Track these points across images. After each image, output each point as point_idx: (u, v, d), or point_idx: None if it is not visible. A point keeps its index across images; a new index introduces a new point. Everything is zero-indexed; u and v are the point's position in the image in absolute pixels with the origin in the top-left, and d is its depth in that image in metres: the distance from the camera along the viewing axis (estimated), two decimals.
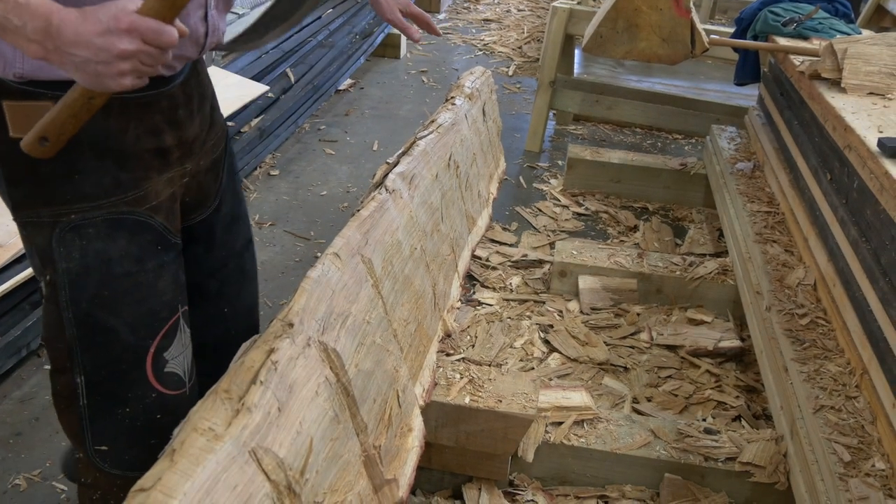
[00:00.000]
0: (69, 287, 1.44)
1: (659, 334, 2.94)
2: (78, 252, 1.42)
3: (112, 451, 1.55)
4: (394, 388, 1.81)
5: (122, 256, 1.46)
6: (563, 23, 4.69)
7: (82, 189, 1.40)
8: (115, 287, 1.46)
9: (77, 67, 1.16)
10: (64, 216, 1.40)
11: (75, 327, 1.46)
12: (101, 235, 1.43)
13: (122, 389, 1.52)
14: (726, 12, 7.75)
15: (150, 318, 1.52)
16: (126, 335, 1.49)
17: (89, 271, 1.43)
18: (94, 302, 1.45)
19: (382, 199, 2.01)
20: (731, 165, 3.62)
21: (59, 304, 1.45)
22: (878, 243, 2.13)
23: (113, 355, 1.49)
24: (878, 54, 2.76)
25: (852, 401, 2.07)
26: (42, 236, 1.42)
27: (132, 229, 1.47)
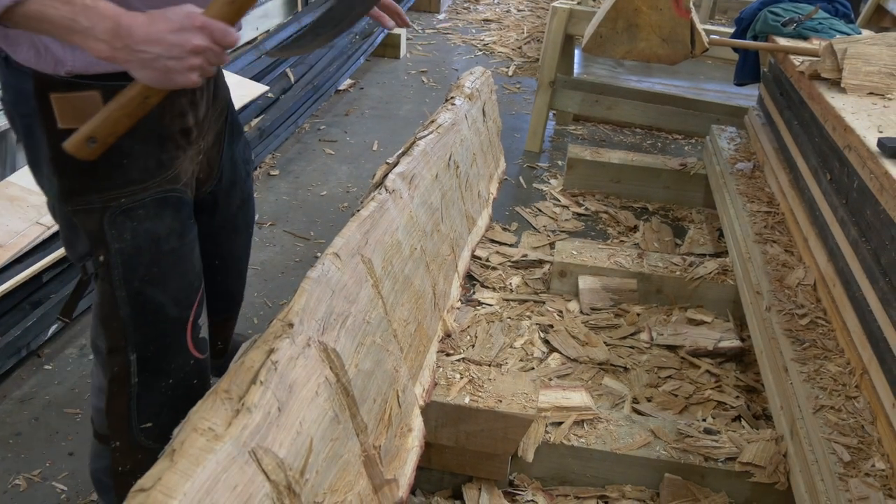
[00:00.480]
0: (122, 266, 1.54)
1: (659, 334, 2.94)
2: (129, 233, 1.52)
3: (156, 426, 1.65)
4: (394, 388, 1.81)
5: (168, 233, 1.57)
6: (563, 23, 4.69)
7: (131, 173, 1.49)
8: (163, 264, 1.57)
9: (144, 64, 1.24)
10: (114, 200, 1.49)
11: (128, 305, 1.56)
12: (150, 215, 1.54)
13: (166, 362, 1.64)
14: (726, 12, 7.75)
15: (189, 289, 1.64)
16: (171, 309, 1.61)
17: (141, 251, 1.54)
18: (145, 279, 1.56)
19: (382, 200, 2.01)
20: (731, 165, 3.62)
21: (112, 284, 1.55)
22: (877, 243, 2.13)
23: (160, 330, 1.61)
24: (877, 54, 2.76)
25: (852, 401, 2.07)
26: (93, 221, 1.50)
27: (175, 206, 1.58)
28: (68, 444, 2.40)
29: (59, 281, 2.84)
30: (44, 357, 2.76)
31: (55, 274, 2.85)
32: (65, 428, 2.47)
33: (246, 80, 4.52)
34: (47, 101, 1.39)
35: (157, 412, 1.66)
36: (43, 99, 1.40)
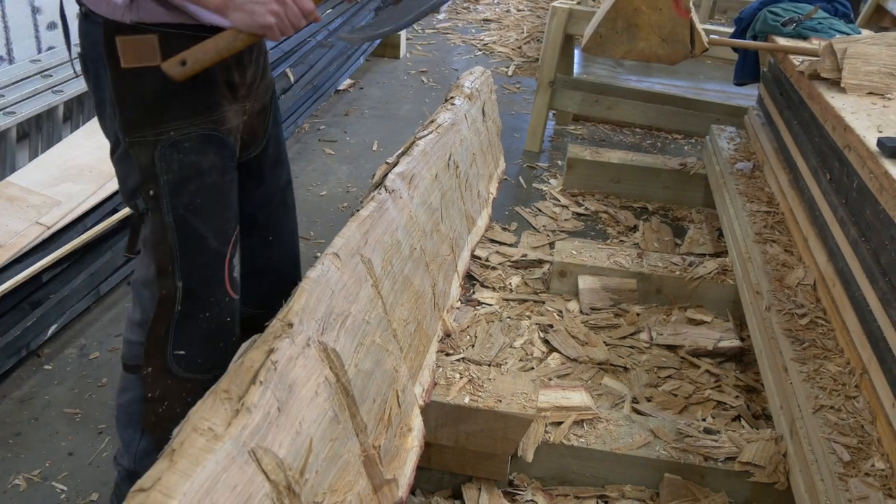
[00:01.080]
0: (170, 196, 1.74)
1: (658, 334, 2.94)
2: (177, 164, 1.73)
3: (188, 355, 1.82)
4: (393, 388, 1.81)
5: (211, 168, 1.77)
6: (563, 23, 4.69)
7: (179, 110, 1.71)
8: (205, 195, 1.77)
9: (238, 7, 1.57)
10: (164, 133, 1.71)
11: (175, 232, 1.76)
12: (195, 149, 1.74)
13: (207, 293, 1.82)
14: (726, 12, 7.75)
15: (226, 226, 1.83)
16: (212, 241, 1.80)
17: (186, 181, 1.74)
18: (189, 209, 1.76)
19: (382, 199, 2.02)
20: (731, 165, 3.62)
21: (162, 213, 1.75)
22: (877, 243, 2.13)
23: (203, 260, 1.80)
24: (877, 54, 2.76)
25: (852, 401, 2.07)
26: (146, 154, 1.71)
27: (217, 144, 1.78)
28: (68, 444, 2.40)
29: (59, 281, 2.84)
30: (43, 357, 2.76)
31: (55, 274, 2.85)
32: (64, 428, 2.47)
33: None
34: (114, 43, 1.64)
35: (192, 342, 1.83)
36: (110, 42, 1.65)
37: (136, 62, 1.65)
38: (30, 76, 3.62)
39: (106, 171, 3.33)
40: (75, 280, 2.85)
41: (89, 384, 2.65)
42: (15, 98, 3.45)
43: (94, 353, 2.79)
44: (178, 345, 1.81)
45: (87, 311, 2.98)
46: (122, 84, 1.68)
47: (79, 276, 2.87)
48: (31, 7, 3.82)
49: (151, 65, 1.65)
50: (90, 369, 2.71)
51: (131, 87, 1.68)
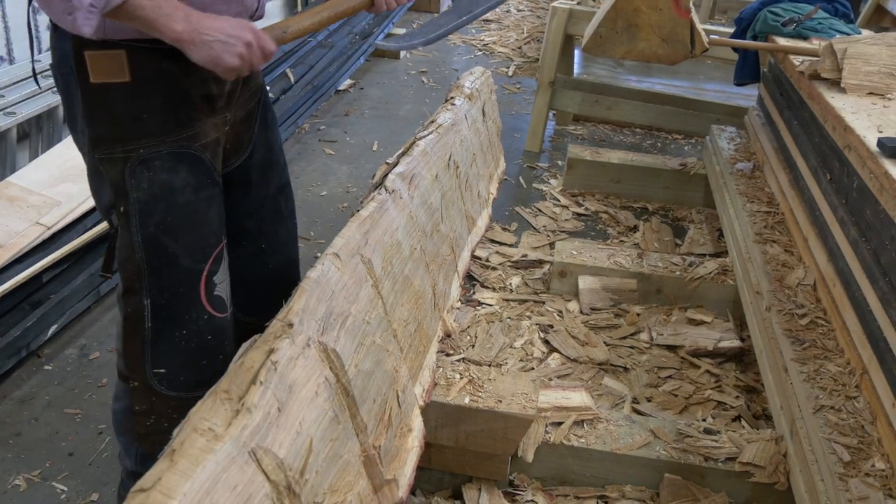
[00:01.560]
0: (139, 214, 1.70)
1: (659, 334, 2.94)
2: (146, 183, 1.69)
3: (168, 373, 1.79)
4: (393, 389, 1.81)
5: (183, 186, 1.73)
6: (563, 23, 4.69)
7: (150, 127, 1.67)
8: (176, 214, 1.72)
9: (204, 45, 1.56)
10: (134, 151, 1.67)
11: (143, 251, 1.72)
12: (166, 167, 1.70)
13: (180, 311, 1.77)
14: (726, 12, 7.75)
15: (203, 243, 1.78)
16: (184, 259, 1.75)
17: (156, 199, 1.70)
18: (160, 228, 1.71)
19: (382, 200, 2.01)
20: (731, 165, 3.62)
21: (130, 230, 1.71)
22: (877, 243, 2.13)
23: (173, 278, 1.75)
24: (877, 54, 2.76)
25: (852, 401, 2.07)
26: (116, 171, 1.68)
27: (190, 162, 1.73)
28: (68, 445, 2.40)
29: (59, 281, 2.84)
30: (44, 357, 2.76)
31: (55, 274, 2.85)
32: (64, 428, 2.47)
33: None
34: (83, 58, 1.61)
35: (170, 360, 1.78)
36: (79, 57, 1.61)
37: (105, 77, 1.62)
38: (30, 76, 3.62)
39: None
40: (75, 280, 2.85)
41: (89, 384, 2.65)
42: (15, 98, 3.45)
43: (94, 354, 2.79)
44: (157, 363, 1.78)
45: (87, 312, 2.98)
46: (91, 100, 1.64)
47: (79, 277, 2.87)
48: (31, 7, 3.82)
49: (120, 81, 1.62)
50: (90, 369, 2.71)
51: (100, 103, 1.64)
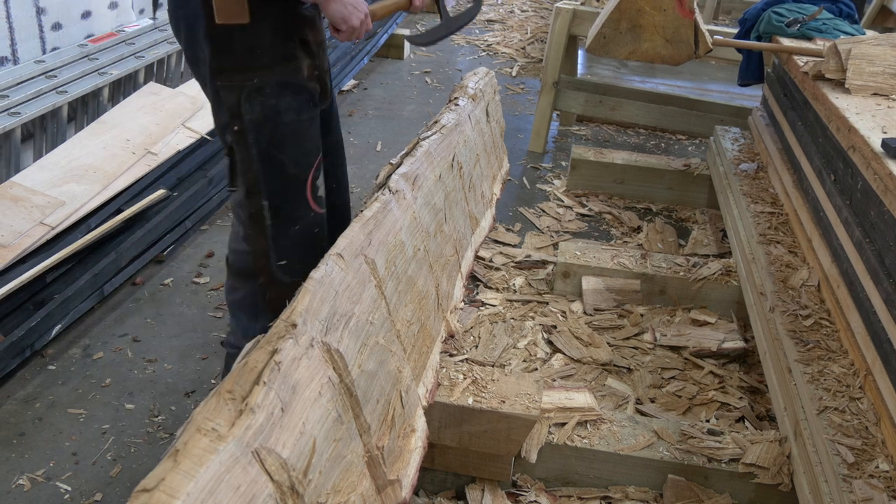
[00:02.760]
0: (253, 132, 2.07)
1: (662, 335, 2.94)
2: (259, 107, 2.05)
3: (289, 264, 2.19)
4: (397, 389, 1.81)
5: (287, 109, 2.10)
6: (567, 23, 4.69)
7: (262, 60, 2.04)
8: (282, 132, 2.10)
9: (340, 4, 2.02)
10: (249, 81, 2.03)
11: (258, 162, 2.10)
12: (274, 94, 2.07)
13: (292, 210, 2.18)
14: (730, 13, 7.75)
15: (306, 155, 2.17)
16: (290, 167, 2.14)
17: (266, 120, 2.07)
18: (270, 142, 2.09)
19: (386, 200, 2.02)
20: (735, 166, 3.62)
21: (247, 145, 2.09)
22: (882, 244, 2.12)
23: (284, 183, 2.15)
24: (882, 55, 2.76)
25: (856, 402, 2.06)
26: (233, 97, 2.04)
27: (294, 90, 2.11)
28: (72, 444, 2.41)
29: (63, 281, 2.85)
30: (47, 357, 2.76)
31: (59, 274, 2.86)
32: (68, 428, 2.47)
33: None
34: (209, 3, 1.92)
35: (289, 252, 2.19)
36: (207, 2, 1.93)
37: (229, 19, 1.94)
38: (34, 77, 3.63)
39: (110, 172, 3.35)
40: (79, 280, 2.86)
41: (93, 384, 2.65)
42: (19, 98, 3.45)
43: (97, 354, 2.79)
44: (280, 256, 2.19)
45: (90, 312, 2.99)
46: (215, 38, 1.99)
47: (83, 277, 2.87)
48: (35, 7, 3.83)
49: (241, 22, 1.96)
50: (94, 370, 2.72)
51: (223, 41, 1.99)
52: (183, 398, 2.63)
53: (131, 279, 3.19)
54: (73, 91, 3.71)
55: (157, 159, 3.57)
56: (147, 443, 2.44)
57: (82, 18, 4.19)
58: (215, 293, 3.19)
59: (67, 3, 4.05)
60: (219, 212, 3.79)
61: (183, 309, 3.08)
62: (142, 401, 2.60)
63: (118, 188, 3.31)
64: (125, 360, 2.78)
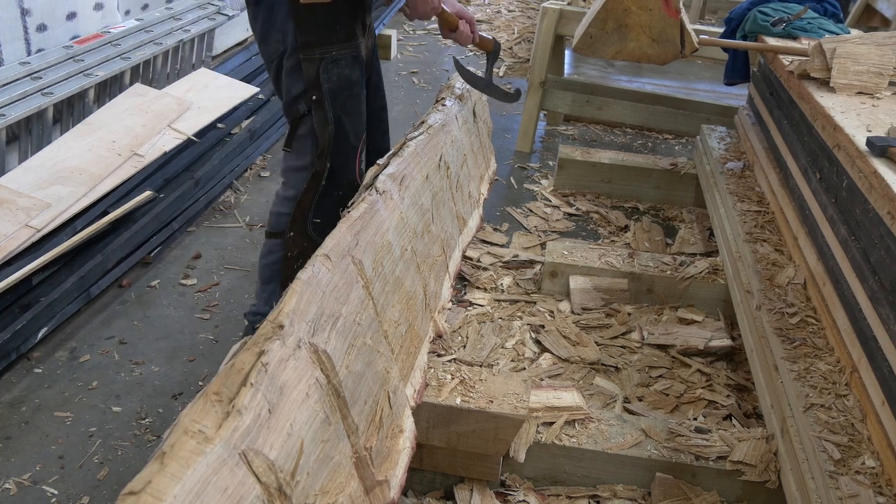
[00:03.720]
0: (330, 99, 2.39)
1: (650, 334, 2.94)
2: (335, 76, 2.38)
3: (322, 223, 2.46)
4: (385, 390, 1.81)
5: (357, 81, 2.43)
6: (553, 23, 4.69)
7: (339, 36, 2.36)
8: (352, 102, 2.44)
9: None
10: (328, 53, 2.36)
11: (332, 125, 2.41)
12: (348, 65, 2.40)
13: (342, 174, 2.47)
14: (716, 12, 7.78)
15: (361, 125, 2.49)
16: (352, 137, 2.46)
17: (341, 89, 2.40)
18: (342, 109, 2.41)
19: (373, 201, 2.01)
20: (721, 165, 3.63)
21: (325, 111, 2.40)
22: (867, 242, 2.14)
23: (345, 149, 2.46)
24: (866, 54, 2.77)
25: (842, 399, 2.07)
26: (313, 68, 2.36)
27: (360, 64, 2.45)
28: (58, 448, 2.40)
29: (49, 284, 2.83)
30: (34, 360, 2.75)
31: (45, 277, 2.85)
32: (55, 431, 2.46)
33: (236, 81, 4.51)
34: None
35: (326, 213, 2.46)
36: None
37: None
38: (19, 78, 3.61)
39: (96, 174, 3.33)
40: (65, 283, 2.84)
41: (80, 387, 2.64)
42: (4, 100, 3.43)
43: (84, 356, 2.78)
44: (317, 214, 2.47)
45: (77, 314, 2.97)
46: (300, 15, 2.30)
47: (69, 279, 2.86)
48: (20, 9, 3.81)
49: (323, 1, 2.27)
50: (81, 372, 2.71)
51: (307, 18, 2.30)
52: (170, 400, 2.62)
53: (118, 281, 3.18)
54: (59, 92, 3.69)
55: (143, 161, 3.55)
56: (134, 445, 2.43)
57: (67, 20, 4.17)
58: (202, 295, 3.18)
59: (52, 4, 4.02)
60: (206, 213, 3.78)
61: (170, 311, 3.07)
62: (129, 403, 2.59)
63: (104, 190, 3.29)
64: (112, 362, 2.77)
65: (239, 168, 4.11)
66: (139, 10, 4.94)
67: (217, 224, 3.72)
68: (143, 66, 4.45)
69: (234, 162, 4.03)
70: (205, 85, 4.35)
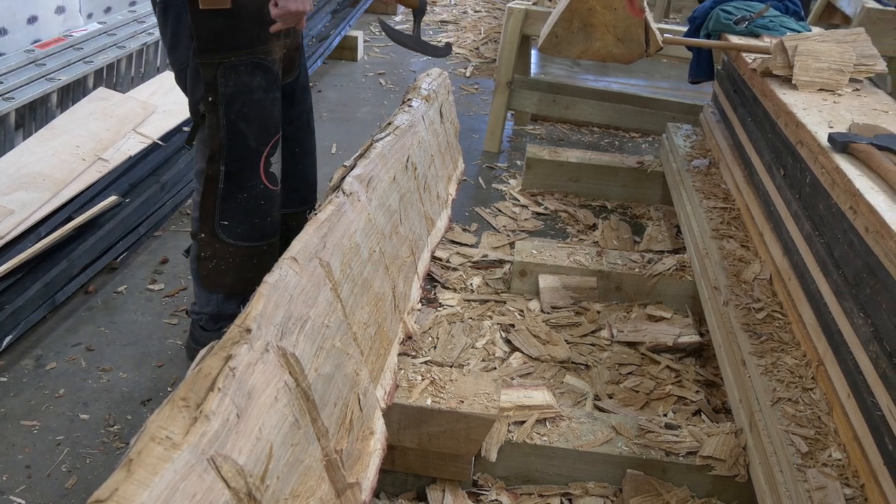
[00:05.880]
0: (225, 104, 2.37)
1: (619, 331, 2.96)
2: (233, 82, 2.36)
3: (230, 225, 2.48)
4: (354, 392, 1.81)
5: (257, 87, 2.40)
6: (519, 23, 4.71)
7: (239, 41, 2.34)
8: (250, 107, 2.40)
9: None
10: (226, 59, 2.34)
11: (225, 131, 2.40)
12: (247, 72, 2.38)
13: (244, 179, 2.46)
14: (680, 11, 7.83)
15: (265, 131, 2.46)
16: (251, 140, 2.43)
17: (238, 94, 2.38)
18: (238, 115, 2.39)
19: (340, 203, 2.01)
20: (687, 163, 3.66)
21: (218, 116, 2.38)
22: (830, 237, 2.16)
23: (243, 153, 2.43)
24: (827, 51, 2.81)
25: (809, 392, 2.10)
26: (211, 72, 2.35)
27: (263, 70, 2.41)
28: (25, 457, 2.37)
29: (13, 291, 2.79)
30: None
31: (9, 284, 2.81)
32: (21, 440, 2.42)
33: None
34: None
35: (233, 215, 2.47)
36: None
37: (211, 5, 2.24)
38: None
39: (60, 179, 3.29)
40: (30, 290, 2.81)
41: (46, 395, 2.61)
42: None
43: (50, 364, 2.75)
44: (223, 216, 2.47)
45: (42, 322, 2.94)
46: (198, 21, 2.29)
47: (34, 286, 2.82)
48: None
49: (222, 7, 2.25)
50: (47, 380, 2.67)
51: (206, 24, 2.29)
52: (139, 406, 2.59)
53: (84, 287, 3.14)
54: (21, 97, 3.65)
55: (108, 165, 3.52)
56: (103, 453, 2.41)
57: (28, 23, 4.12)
58: (170, 300, 3.15)
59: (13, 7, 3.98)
60: (172, 217, 3.75)
61: (137, 317, 3.04)
62: (97, 410, 2.57)
63: (69, 195, 3.26)
64: (79, 369, 2.74)
65: None
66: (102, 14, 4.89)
67: (184, 228, 3.69)
68: (107, 69, 4.41)
69: None
70: (170, 88, 4.32)
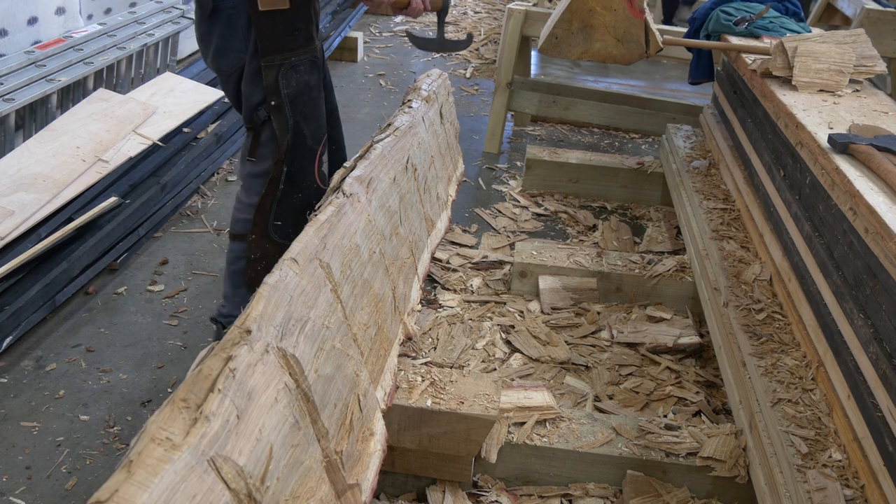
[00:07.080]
0: (289, 104, 2.40)
1: (619, 332, 2.96)
2: (294, 82, 2.40)
3: (283, 226, 2.51)
4: (354, 393, 1.81)
5: (315, 85, 2.46)
6: (519, 24, 4.71)
7: (298, 41, 2.38)
8: (310, 106, 2.45)
9: None
10: (287, 59, 2.37)
11: (291, 132, 2.43)
12: (307, 71, 2.42)
13: (300, 179, 2.49)
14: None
15: (320, 130, 2.51)
16: (309, 140, 2.48)
17: (300, 94, 2.42)
18: (301, 115, 2.43)
19: (340, 204, 2.01)
20: (687, 163, 3.66)
21: (284, 117, 2.41)
22: (830, 238, 2.16)
23: (303, 153, 2.47)
24: (827, 52, 2.81)
25: (809, 393, 2.10)
26: (272, 74, 2.37)
27: (318, 68, 2.47)
28: (25, 458, 2.37)
29: (14, 292, 2.79)
30: None
31: (9, 285, 2.81)
32: (21, 442, 2.43)
33: (201, 85, 4.48)
34: None
35: (287, 215, 2.50)
36: None
37: (271, 6, 2.29)
38: None
39: (60, 180, 3.29)
40: (30, 291, 2.81)
41: (46, 396, 2.61)
42: None
43: (50, 365, 2.75)
44: (277, 217, 2.50)
45: (42, 323, 2.94)
46: (259, 23, 2.31)
47: (34, 287, 2.82)
48: None
49: (281, 8, 2.30)
50: (47, 381, 2.67)
51: (267, 25, 2.31)
52: (139, 408, 2.59)
53: (84, 288, 3.14)
54: (21, 98, 3.64)
55: (108, 166, 3.52)
56: (103, 454, 2.41)
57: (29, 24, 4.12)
58: (170, 301, 3.15)
59: (13, 9, 3.98)
60: (172, 218, 3.75)
61: (137, 318, 3.04)
62: (97, 412, 2.57)
63: (69, 196, 3.26)
64: (79, 370, 2.74)
65: (205, 172, 4.08)
66: (102, 15, 4.89)
67: (184, 229, 3.70)
68: (107, 70, 4.41)
69: (200, 166, 4.00)
70: (170, 89, 4.32)
